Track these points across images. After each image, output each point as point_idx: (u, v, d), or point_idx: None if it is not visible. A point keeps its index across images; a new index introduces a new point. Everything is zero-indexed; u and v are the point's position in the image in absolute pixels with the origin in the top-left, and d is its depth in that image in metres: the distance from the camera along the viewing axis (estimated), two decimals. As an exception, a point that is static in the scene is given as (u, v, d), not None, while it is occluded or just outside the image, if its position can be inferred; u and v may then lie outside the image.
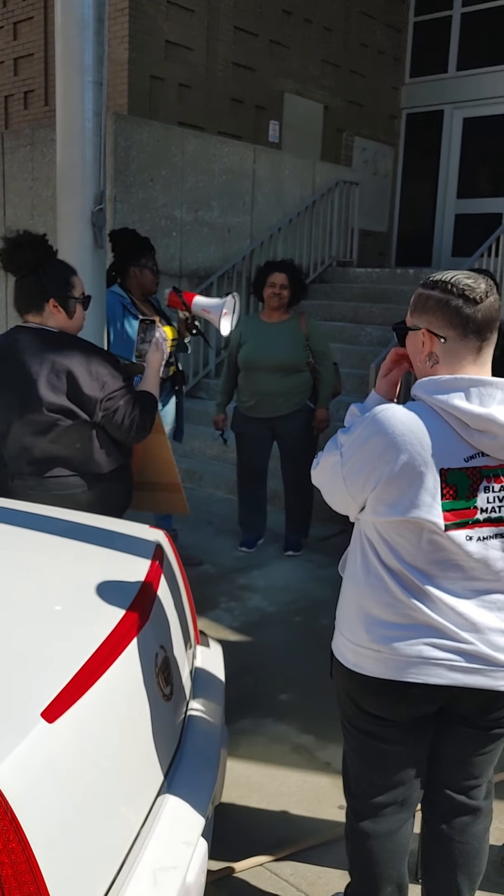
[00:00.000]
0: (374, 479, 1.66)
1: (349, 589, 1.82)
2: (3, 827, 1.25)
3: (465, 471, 1.63)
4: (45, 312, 2.74)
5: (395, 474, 1.62)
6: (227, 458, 6.10)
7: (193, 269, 7.63)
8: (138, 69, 8.02)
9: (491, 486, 1.64)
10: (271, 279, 4.53)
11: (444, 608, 1.69)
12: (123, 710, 1.68)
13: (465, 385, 1.62)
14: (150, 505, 3.34)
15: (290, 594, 4.22)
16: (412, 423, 1.63)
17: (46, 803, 1.36)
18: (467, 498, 1.63)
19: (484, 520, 1.65)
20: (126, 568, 2.08)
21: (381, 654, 1.73)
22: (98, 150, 3.37)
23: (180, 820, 1.80)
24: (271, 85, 9.37)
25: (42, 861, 1.30)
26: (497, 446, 1.62)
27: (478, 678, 1.71)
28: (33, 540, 2.23)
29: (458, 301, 1.64)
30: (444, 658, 1.70)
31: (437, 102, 10.83)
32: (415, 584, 1.69)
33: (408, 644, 1.70)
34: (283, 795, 2.60)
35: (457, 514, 1.63)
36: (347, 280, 8.71)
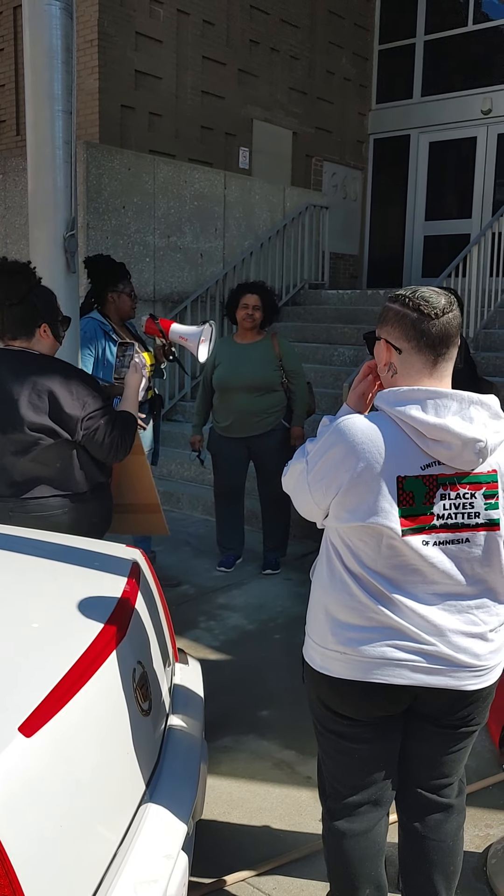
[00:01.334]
0: (335, 485, 1.71)
1: (317, 593, 1.86)
2: (-18, 840, 1.26)
3: (421, 478, 1.68)
4: (34, 338, 2.78)
5: (355, 481, 1.68)
6: (204, 480, 6.13)
7: (167, 294, 7.70)
8: (109, 98, 8.13)
9: (447, 494, 1.69)
10: (244, 300, 4.59)
11: (406, 611, 1.72)
12: (102, 725, 1.69)
13: (421, 396, 1.68)
14: (130, 527, 3.36)
15: (268, 612, 4.24)
16: (371, 432, 1.69)
17: (25, 817, 1.37)
18: (424, 504, 1.68)
19: (440, 525, 1.69)
20: (103, 585, 2.10)
21: (347, 656, 1.77)
22: (69, 178, 3.42)
23: (161, 833, 1.81)
24: (240, 112, 9.52)
25: (21, 874, 1.31)
26: (452, 455, 1.67)
27: (440, 678, 1.75)
28: (10, 560, 2.24)
29: (414, 315, 1.70)
30: (406, 659, 1.73)
31: (403, 127, 11.06)
32: (377, 588, 1.72)
33: (371, 646, 1.74)
34: (265, 810, 2.61)
35: (413, 520, 1.68)
36: (320, 302, 8.81)
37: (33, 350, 2.79)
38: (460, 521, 1.70)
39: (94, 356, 4.13)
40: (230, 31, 9.23)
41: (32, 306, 2.76)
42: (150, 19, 8.37)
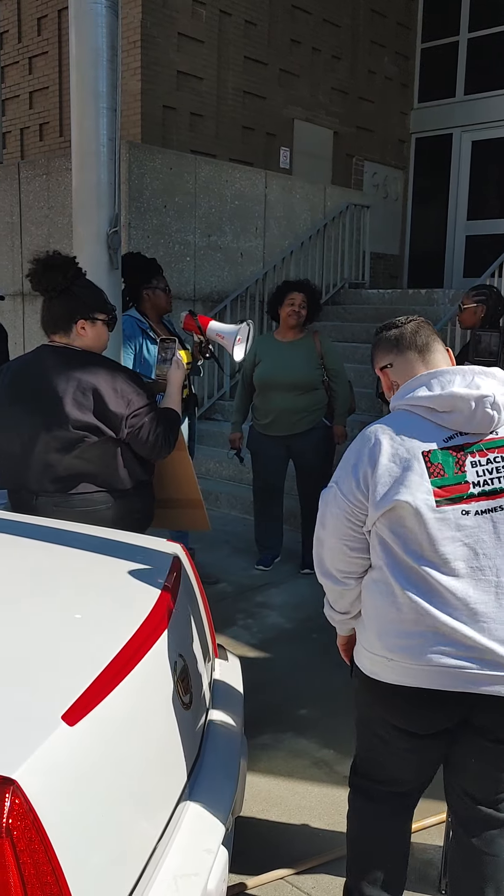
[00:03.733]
0: (366, 478, 1.74)
1: (365, 598, 1.85)
2: (26, 826, 1.26)
3: (447, 450, 1.71)
4: (72, 333, 2.78)
5: (383, 467, 1.71)
6: (243, 479, 6.12)
7: (207, 293, 7.71)
8: (151, 99, 8.18)
9: (477, 461, 1.70)
10: (290, 298, 4.57)
11: (451, 600, 1.68)
12: (143, 716, 1.69)
13: (424, 379, 1.77)
14: (171, 522, 3.36)
15: (306, 611, 4.22)
16: (388, 423, 1.78)
17: (68, 805, 1.37)
18: (455, 474, 1.69)
19: (479, 493, 1.69)
20: (144, 578, 2.10)
21: (394, 662, 1.75)
22: (113, 174, 3.44)
23: (201, 828, 1.80)
24: (281, 112, 9.51)
25: (64, 861, 1.31)
26: (467, 420, 1.70)
27: (494, 687, 1.70)
28: (55, 553, 2.26)
29: (382, 333, 1.95)
30: (457, 665, 1.69)
31: (445, 126, 10.96)
32: (420, 577, 1.70)
33: (419, 652, 1.71)
34: (304, 809, 2.59)
35: (448, 489, 1.68)
36: (360, 301, 8.76)
37: (74, 346, 2.80)
38: (498, 485, 1.69)
39: (134, 354, 4.14)
40: (272, 32, 9.23)
41: (69, 301, 2.76)
42: (193, 20, 8.40)
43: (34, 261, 2.78)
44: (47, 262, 2.76)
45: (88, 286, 2.84)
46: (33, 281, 2.77)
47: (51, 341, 2.83)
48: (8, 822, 1.24)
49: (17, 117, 10.00)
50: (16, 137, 10.04)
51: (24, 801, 1.26)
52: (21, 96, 9.90)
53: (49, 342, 2.83)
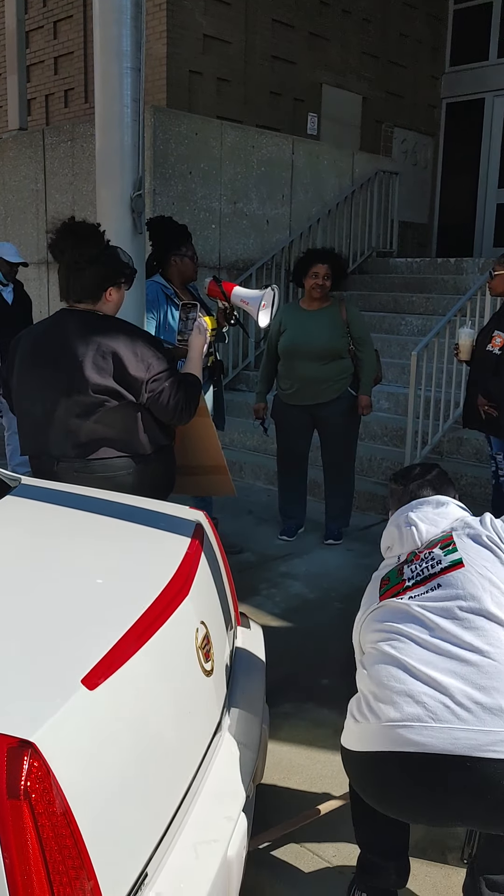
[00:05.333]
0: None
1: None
2: (44, 789, 1.25)
3: (394, 568, 2.09)
4: (100, 301, 2.76)
5: (362, 604, 2.13)
6: (267, 449, 6.09)
7: (232, 261, 7.63)
8: (176, 63, 8.04)
9: (412, 564, 2.03)
10: (314, 269, 4.49)
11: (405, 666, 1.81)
12: (164, 682, 1.68)
13: None
14: (196, 488, 3.34)
15: (330, 581, 4.19)
16: None
17: (87, 769, 1.36)
18: (397, 577, 2.04)
19: (413, 584, 1.97)
20: (166, 545, 2.08)
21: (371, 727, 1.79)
22: (137, 136, 3.38)
23: (221, 795, 1.80)
24: (309, 77, 9.33)
25: (83, 825, 1.30)
26: (400, 544, 2.13)
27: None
28: (77, 519, 2.24)
29: (393, 486, 2.31)
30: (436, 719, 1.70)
31: (477, 91, 10.68)
32: (381, 651, 1.88)
33: (398, 712, 1.74)
34: (325, 778, 2.58)
35: (389, 591, 2.02)
36: (388, 270, 8.63)
37: (98, 311, 2.77)
38: (427, 573, 1.97)
39: (157, 320, 4.10)
40: (301, -8, 9.02)
41: (99, 271, 2.73)
42: (220, -19, 8.23)
43: (57, 231, 2.74)
44: (78, 233, 2.72)
45: (114, 252, 2.81)
46: (62, 253, 2.72)
47: (71, 306, 2.79)
48: (26, 785, 1.23)
49: (42, 83, 9.90)
50: (41, 104, 9.95)
51: (42, 763, 1.25)
52: (46, 62, 9.79)
53: (69, 307, 2.80)
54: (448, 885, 2.12)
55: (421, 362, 5.41)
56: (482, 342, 4.30)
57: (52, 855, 1.24)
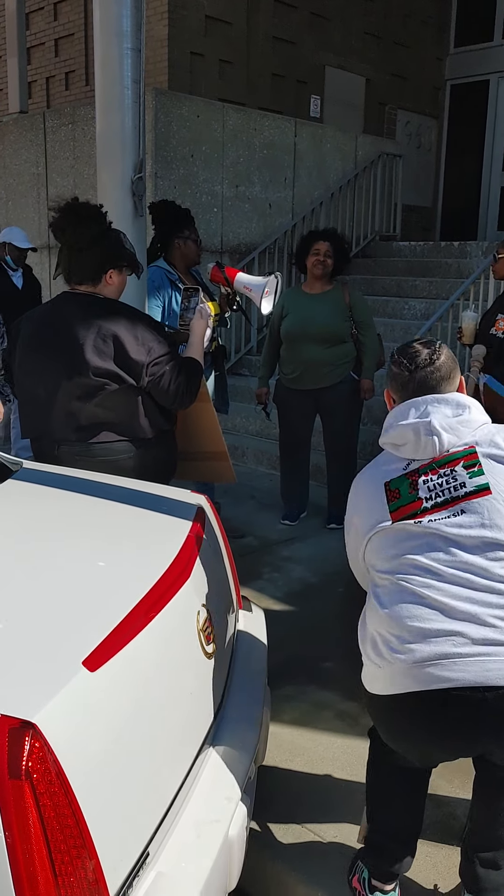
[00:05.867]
0: (358, 515, 1.96)
1: (364, 622, 1.91)
2: (45, 769, 1.25)
3: (404, 475, 1.88)
4: (100, 283, 2.75)
5: (362, 505, 1.95)
6: (270, 434, 6.08)
7: (235, 245, 7.60)
8: (178, 45, 7.98)
9: (429, 479, 1.85)
10: (315, 247, 4.47)
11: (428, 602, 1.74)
12: (166, 664, 1.68)
13: (391, 420, 1.94)
14: (197, 474, 3.34)
15: (332, 566, 4.20)
16: (371, 466, 2.01)
17: (88, 750, 1.36)
18: (410, 493, 1.85)
19: (432, 506, 1.81)
20: (168, 528, 2.08)
21: (391, 668, 1.75)
22: (137, 118, 3.35)
23: (223, 776, 1.81)
24: (312, 58, 9.25)
25: (84, 805, 1.31)
26: (416, 448, 1.87)
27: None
28: (78, 502, 2.24)
29: (395, 370, 1.98)
30: (452, 652, 1.69)
31: (482, 72, 10.59)
32: (395, 585, 1.79)
33: (408, 652, 1.73)
34: (327, 760, 2.59)
35: (402, 510, 1.84)
36: (391, 254, 8.58)
37: (98, 294, 2.76)
38: (448, 496, 1.81)
39: (162, 305, 4.08)
40: (303, -27, 8.92)
41: (100, 252, 2.72)
42: (222, -39, 8.15)
43: (59, 211, 2.73)
44: (79, 213, 2.71)
45: (115, 235, 2.79)
46: (63, 233, 2.72)
47: (72, 289, 2.79)
48: (28, 765, 1.23)
49: (43, 66, 9.82)
50: (41, 87, 9.88)
51: (43, 744, 1.26)
52: (46, 44, 9.72)
53: (70, 290, 2.79)
54: (449, 864, 2.14)
55: (423, 346, 5.37)
56: (486, 326, 4.28)
57: (53, 834, 1.25)
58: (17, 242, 5.62)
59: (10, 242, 5.62)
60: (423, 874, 2.11)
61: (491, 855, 1.91)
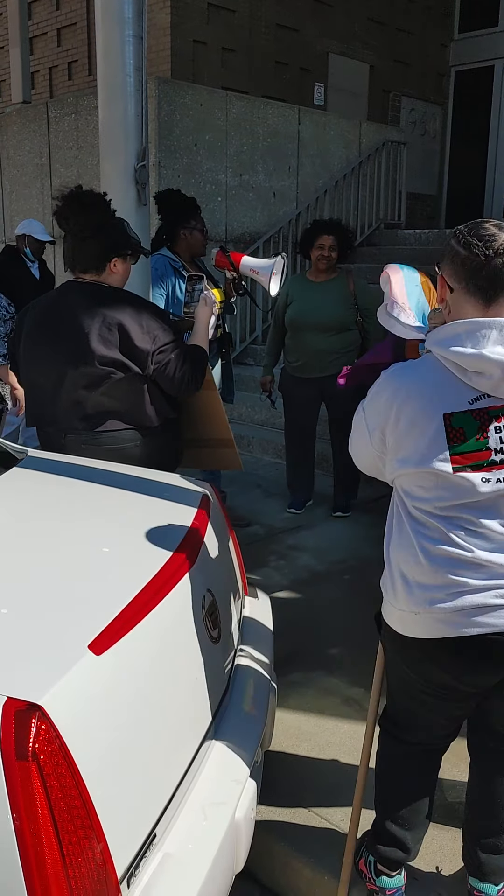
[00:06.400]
0: (385, 429, 1.69)
1: (389, 553, 1.80)
2: (52, 751, 1.27)
3: (470, 413, 1.60)
4: (105, 272, 2.75)
5: (402, 425, 1.64)
6: (275, 423, 6.08)
7: (239, 234, 7.58)
8: (181, 34, 7.94)
9: (501, 427, 1.61)
10: (320, 241, 4.46)
11: (471, 559, 1.64)
12: (171, 648, 1.69)
13: (461, 330, 1.59)
14: (203, 462, 3.34)
15: (338, 553, 4.21)
16: (413, 374, 1.67)
17: (95, 732, 1.37)
18: (477, 440, 1.59)
19: (501, 461, 1.60)
20: (173, 515, 2.09)
21: (425, 616, 1.70)
22: (140, 106, 3.35)
23: (229, 759, 1.82)
24: (315, 46, 9.19)
25: (91, 786, 1.32)
26: (494, 385, 1.59)
27: None
28: (83, 490, 2.25)
29: (464, 253, 1.60)
30: (493, 604, 1.64)
31: (487, 58, 10.50)
32: (442, 534, 1.66)
33: (447, 603, 1.66)
34: (334, 745, 2.60)
35: (467, 456, 1.60)
36: (395, 242, 8.55)
37: (103, 283, 2.76)
38: None
39: (166, 294, 4.08)
40: (306, -41, 8.86)
41: (105, 241, 2.72)
42: None
43: (63, 199, 2.72)
44: (83, 201, 2.71)
45: (119, 223, 2.79)
46: (67, 221, 2.72)
47: (77, 278, 2.79)
48: (34, 747, 1.24)
49: (46, 56, 9.79)
50: (44, 77, 9.85)
51: (50, 726, 1.27)
52: (49, 34, 9.67)
53: (75, 279, 2.79)
54: (455, 848, 2.15)
55: (429, 334, 5.37)
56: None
57: (60, 815, 1.27)
58: (37, 235, 5.68)
59: (29, 234, 5.67)
60: (427, 857, 2.13)
61: (492, 840, 1.92)
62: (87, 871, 1.30)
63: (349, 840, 2.04)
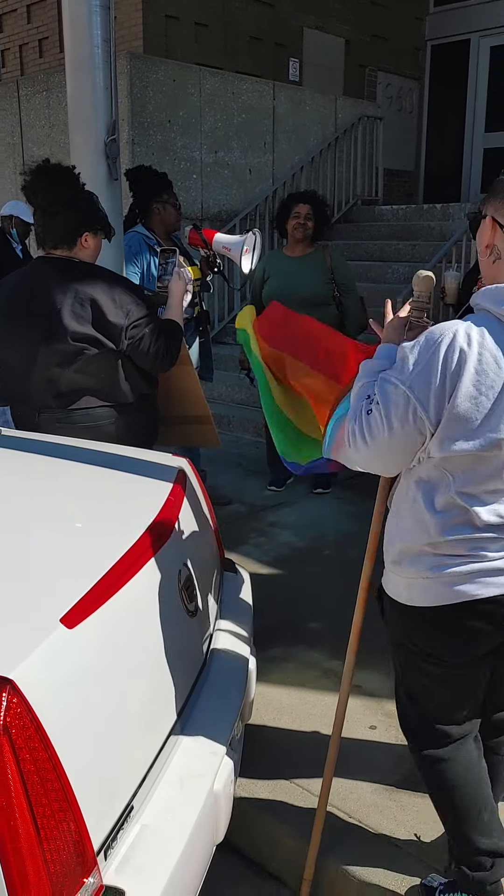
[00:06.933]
0: (440, 402, 1.44)
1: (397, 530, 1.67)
2: (24, 724, 1.25)
3: None
4: (75, 247, 2.71)
5: (465, 395, 1.42)
6: (255, 402, 6.06)
7: (216, 212, 7.52)
8: (152, 8, 7.82)
9: None
10: (296, 210, 4.43)
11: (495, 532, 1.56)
12: (145, 621, 1.68)
13: None
14: (180, 438, 3.32)
15: (319, 529, 4.21)
16: (474, 333, 1.44)
17: (68, 705, 1.36)
18: None
19: None
20: (148, 490, 2.07)
21: (436, 580, 1.60)
22: (108, 79, 3.29)
23: (208, 730, 1.81)
24: (290, 20, 9.08)
25: (65, 759, 1.30)
26: None
27: None
28: (56, 467, 2.23)
29: None
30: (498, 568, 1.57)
31: (462, 31, 10.43)
32: (465, 512, 1.55)
33: (463, 566, 1.57)
34: (314, 717, 2.61)
35: None
36: (373, 218, 8.52)
37: (74, 258, 2.72)
38: None
39: (140, 271, 4.04)
40: None
41: (75, 215, 2.68)
42: None
43: (31, 173, 2.68)
44: (51, 175, 2.66)
45: (89, 197, 2.75)
46: (35, 195, 2.67)
47: (48, 254, 2.74)
48: (5, 720, 1.23)
49: (16, 33, 9.62)
50: (14, 55, 9.68)
51: (21, 699, 1.25)
52: (18, 10, 9.50)
53: (46, 254, 2.75)
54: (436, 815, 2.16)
55: (407, 309, 5.35)
56: (468, 285, 4.26)
57: (34, 788, 1.25)
58: (25, 217, 5.59)
59: (17, 216, 5.58)
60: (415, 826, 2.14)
61: None
62: (63, 843, 1.29)
63: (319, 808, 2.02)
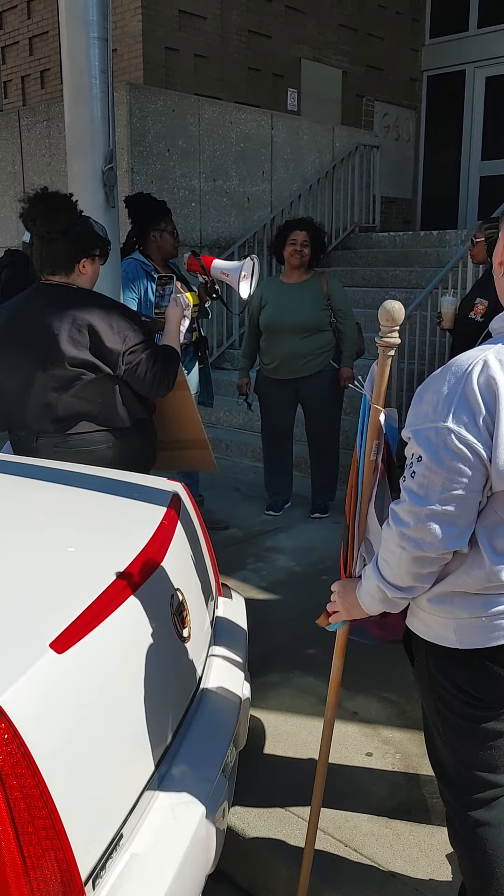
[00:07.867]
0: (487, 430, 1.38)
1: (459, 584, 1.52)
2: (11, 751, 1.24)
3: None
4: (73, 273, 2.73)
5: None
6: (253, 426, 6.07)
7: (214, 240, 7.58)
8: (152, 40, 7.95)
9: None
10: (292, 237, 4.47)
11: None
12: (136, 647, 1.67)
13: None
14: (177, 463, 3.32)
15: (316, 555, 4.19)
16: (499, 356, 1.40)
17: (56, 732, 1.35)
18: None
19: None
20: (141, 514, 2.07)
21: (495, 619, 1.48)
22: (106, 109, 3.34)
23: (200, 757, 1.79)
24: (288, 52, 9.23)
25: (53, 787, 1.29)
26: None
27: None
28: (50, 491, 2.23)
29: None
30: None
31: (458, 62, 10.61)
32: None
33: None
34: (310, 744, 2.59)
35: None
36: (370, 245, 8.58)
37: (73, 285, 2.75)
38: None
39: (138, 297, 4.07)
40: (276, -35, 8.91)
41: (73, 242, 2.70)
42: (194, -45, 8.12)
43: (29, 201, 2.71)
44: (49, 203, 2.69)
45: (86, 222, 2.78)
46: (34, 223, 2.70)
47: (46, 280, 2.77)
48: (-8, 747, 1.22)
49: (18, 65, 9.77)
50: (17, 86, 9.83)
51: (8, 725, 1.25)
52: (20, 42, 9.66)
53: (44, 281, 2.77)
54: (432, 843, 2.14)
55: (403, 335, 5.39)
56: (464, 310, 4.29)
57: (20, 815, 1.24)
58: None
59: None
60: (408, 852, 2.11)
61: None
62: (50, 872, 1.27)
63: (308, 839, 1.98)
